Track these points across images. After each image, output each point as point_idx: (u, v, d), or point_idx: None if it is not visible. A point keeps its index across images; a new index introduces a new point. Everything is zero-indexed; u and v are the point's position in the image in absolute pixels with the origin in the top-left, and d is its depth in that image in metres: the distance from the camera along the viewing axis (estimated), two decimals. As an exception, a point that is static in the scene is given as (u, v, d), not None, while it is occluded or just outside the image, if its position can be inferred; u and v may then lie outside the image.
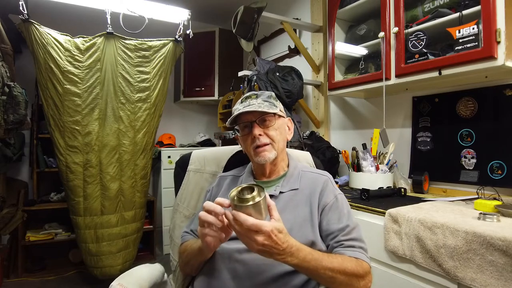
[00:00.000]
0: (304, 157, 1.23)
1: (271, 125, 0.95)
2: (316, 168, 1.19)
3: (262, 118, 0.94)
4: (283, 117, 1.01)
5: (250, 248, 0.68)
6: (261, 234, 0.64)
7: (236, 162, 1.19)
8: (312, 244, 0.84)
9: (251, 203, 0.63)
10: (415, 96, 1.86)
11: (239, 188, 0.68)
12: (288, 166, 1.02)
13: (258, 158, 0.94)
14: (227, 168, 1.21)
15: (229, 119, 0.97)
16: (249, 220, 0.63)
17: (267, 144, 0.94)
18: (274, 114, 0.96)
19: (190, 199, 1.22)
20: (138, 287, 0.87)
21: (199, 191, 1.22)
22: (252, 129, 0.94)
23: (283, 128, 1.00)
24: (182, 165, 1.26)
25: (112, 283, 0.86)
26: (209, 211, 0.71)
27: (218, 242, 0.75)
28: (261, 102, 0.95)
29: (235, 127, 1.00)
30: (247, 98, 0.98)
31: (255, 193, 0.65)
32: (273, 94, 1.01)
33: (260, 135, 0.93)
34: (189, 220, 1.15)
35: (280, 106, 1.01)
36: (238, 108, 0.97)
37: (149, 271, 0.97)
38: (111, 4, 2.06)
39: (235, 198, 0.66)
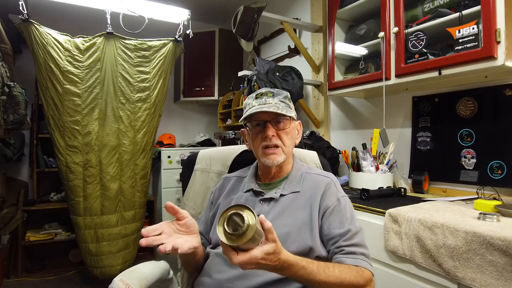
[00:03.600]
0: (310, 157, 1.20)
1: (285, 127, 0.93)
2: (323, 168, 1.17)
3: (276, 119, 0.92)
4: (295, 120, 0.99)
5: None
6: (250, 264, 0.63)
7: (241, 161, 1.20)
8: (310, 250, 0.82)
9: (239, 243, 0.60)
10: (415, 96, 1.86)
11: (225, 220, 0.62)
12: (292, 167, 1.00)
13: (266, 160, 0.92)
14: (232, 167, 1.21)
15: (243, 115, 0.94)
16: (235, 259, 0.61)
17: (277, 147, 0.92)
18: (290, 117, 0.93)
19: (196, 198, 1.24)
20: (140, 284, 0.87)
21: (205, 190, 1.23)
22: (265, 129, 0.91)
23: (294, 132, 0.98)
24: (189, 165, 1.28)
25: (114, 279, 0.85)
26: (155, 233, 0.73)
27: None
28: (278, 102, 0.92)
29: (246, 123, 0.97)
30: (262, 94, 0.94)
31: (241, 230, 0.60)
32: (288, 94, 0.98)
33: (273, 135, 0.91)
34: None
35: (293, 108, 0.98)
36: (253, 104, 0.93)
37: (152, 268, 0.96)
38: (111, 4, 2.06)
39: (224, 235, 0.62)
